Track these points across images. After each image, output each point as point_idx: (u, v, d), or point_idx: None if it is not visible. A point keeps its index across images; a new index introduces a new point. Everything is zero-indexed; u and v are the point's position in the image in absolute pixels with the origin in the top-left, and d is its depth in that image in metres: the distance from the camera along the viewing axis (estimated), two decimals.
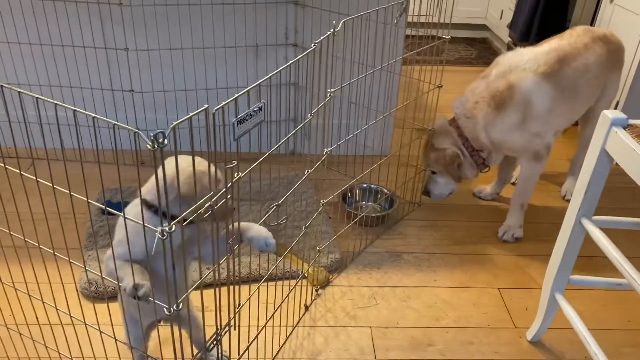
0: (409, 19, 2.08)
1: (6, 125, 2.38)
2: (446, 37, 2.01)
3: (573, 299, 1.63)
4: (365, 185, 2.32)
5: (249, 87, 1.06)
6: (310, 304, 1.78)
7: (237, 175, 1.10)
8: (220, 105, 0.95)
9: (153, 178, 1.03)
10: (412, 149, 2.43)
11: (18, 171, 1.03)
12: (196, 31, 2.33)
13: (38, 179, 1.01)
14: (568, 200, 2.38)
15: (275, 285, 1.78)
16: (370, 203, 2.31)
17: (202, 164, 1.11)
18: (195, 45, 2.35)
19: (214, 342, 1.20)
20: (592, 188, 1.34)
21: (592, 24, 2.89)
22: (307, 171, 1.52)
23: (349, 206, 2.22)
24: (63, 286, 1.23)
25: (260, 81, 1.13)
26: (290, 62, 1.28)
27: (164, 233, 0.88)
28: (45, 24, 2.27)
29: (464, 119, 2.03)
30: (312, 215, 2.06)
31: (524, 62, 1.96)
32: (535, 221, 2.24)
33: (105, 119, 0.84)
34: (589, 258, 1.99)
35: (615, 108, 2.54)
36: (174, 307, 0.96)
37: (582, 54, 2.01)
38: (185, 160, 1.05)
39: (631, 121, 1.25)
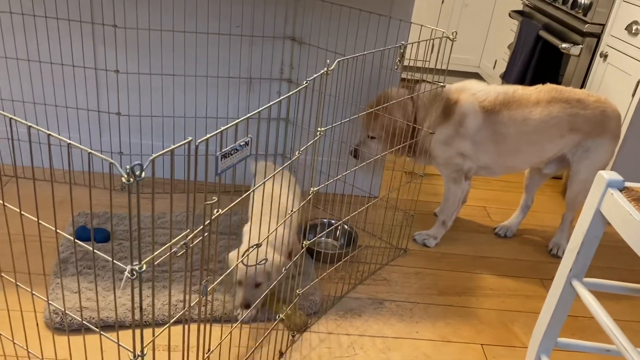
0: (405, 62, 2.07)
1: None
2: (442, 83, 1.99)
3: None
4: (325, 220, 2.26)
5: (237, 121, 1.01)
6: (286, 351, 1.70)
7: (217, 212, 1.04)
8: (204, 138, 0.90)
9: None
10: (402, 193, 2.38)
11: None
12: (189, 59, 2.29)
13: (5, 202, 0.94)
14: (554, 255, 2.34)
15: (250, 328, 1.69)
16: (329, 240, 2.26)
17: None
18: (188, 72, 2.32)
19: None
20: (585, 249, 1.29)
21: (584, 81, 2.91)
22: (291, 211, 1.46)
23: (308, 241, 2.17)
24: (22, 316, 1.15)
25: (249, 115, 1.08)
26: (282, 97, 1.24)
27: (134, 272, 0.81)
28: (34, 40, 2.22)
29: (422, 105, 2.10)
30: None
31: (478, 90, 2.11)
32: (521, 275, 2.19)
33: (80, 146, 0.79)
34: (574, 318, 1.93)
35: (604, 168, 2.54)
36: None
37: (527, 107, 2.06)
38: None
39: (627, 184, 1.22)
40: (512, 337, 1.86)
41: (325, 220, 2.27)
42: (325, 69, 1.34)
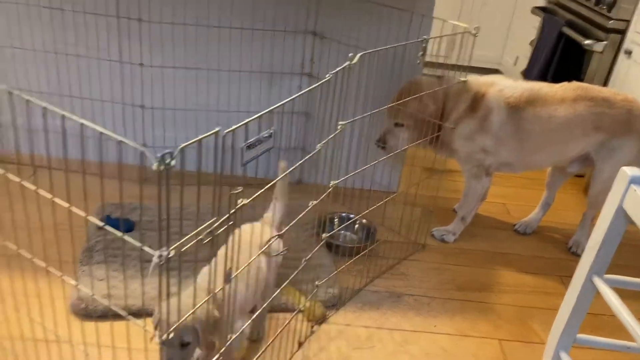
0: (427, 59, 2.08)
1: (12, 131, 2.36)
2: (463, 79, 1.99)
3: (580, 358, 1.57)
4: (344, 214, 2.27)
5: (262, 113, 1.03)
6: (304, 341, 1.72)
7: (241, 201, 1.06)
8: (231, 129, 0.92)
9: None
10: (421, 189, 2.38)
11: (18, 179, 0.99)
12: (212, 52, 2.32)
13: (38, 189, 0.97)
14: (574, 253, 2.32)
15: (271, 318, 1.72)
16: (348, 233, 2.27)
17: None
18: (211, 66, 2.35)
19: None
20: (606, 246, 1.29)
21: (607, 78, 2.88)
22: (312, 203, 1.48)
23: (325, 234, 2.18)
24: (52, 301, 1.18)
25: (272, 107, 1.10)
26: (303, 91, 1.25)
27: (162, 258, 0.84)
28: (62, 33, 2.26)
29: (452, 94, 2.09)
30: (312, 247, 2.01)
31: (505, 86, 2.10)
32: (541, 272, 2.19)
33: (113, 134, 0.81)
34: (593, 315, 1.93)
35: None
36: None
37: (552, 105, 2.05)
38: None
39: None
40: (530, 333, 1.86)
41: (343, 214, 2.29)
42: (349, 62, 1.36)
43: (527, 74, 3.55)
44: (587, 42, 2.85)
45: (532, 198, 2.73)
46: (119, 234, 0.93)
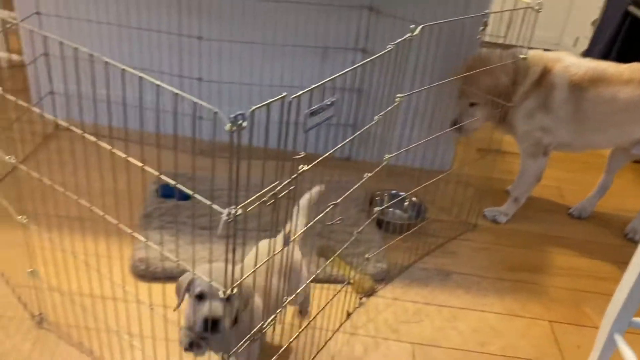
0: (485, 39, 2.04)
1: (78, 102, 2.46)
2: (524, 55, 1.95)
3: (634, 343, 1.53)
4: (394, 191, 2.27)
5: (325, 80, 1.04)
6: (353, 312, 1.75)
7: (302, 168, 1.08)
8: (297, 94, 0.94)
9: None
10: (474, 169, 2.36)
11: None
12: (268, 27, 2.35)
13: (114, 149, 1.02)
14: (630, 239, 2.26)
15: (322, 288, 1.75)
16: (397, 210, 2.27)
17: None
18: (266, 40, 2.37)
19: (258, 336, 1.19)
20: None
21: None
22: (366, 175, 1.49)
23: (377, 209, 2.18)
24: (113, 262, 1.25)
25: (333, 77, 1.12)
26: (364, 61, 1.26)
27: (231, 215, 0.87)
28: (125, 7, 2.33)
29: (522, 68, 2.06)
30: (361, 223, 2.03)
31: (571, 63, 2.06)
32: (595, 257, 2.14)
33: (187, 95, 0.85)
34: None
35: None
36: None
37: (616, 86, 1.98)
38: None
39: None
40: (582, 316, 1.83)
41: (393, 191, 2.29)
42: (410, 34, 1.35)
43: (588, 56, 3.43)
44: None
45: (588, 182, 2.65)
46: (189, 192, 0.97)
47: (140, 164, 0.99)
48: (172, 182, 0.97)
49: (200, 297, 1.11)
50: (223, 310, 1.08)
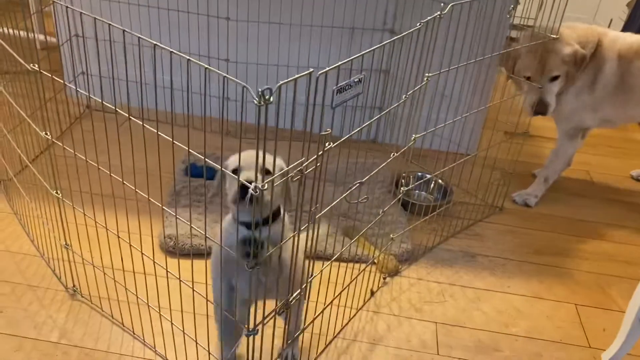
0: (514, 21, 2.00)
1: (108, 82, 2.50)
2: (554, 35, 1.91)
3: None
4: (420, 173, 2.27)
5: (352, 57, 1.05)
6: (377, 291, 1.77)
7: (329, 145, 1.09)
8: (324, 70, 0.95)
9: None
10: (500, 152, 2.34)
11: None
12: (295, 8, 2.35)
13: (159, 133, 1.05)
14: None
15: (346, 267, 1.77)
16: (423, 193, 2.28)
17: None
18: (294, 21, 2.37)
19: (284, 308, 1.21)
20: None
21: None
22: (393, 154, 1.50)
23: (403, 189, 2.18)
24: (151, 237, 1.28)
25: (361, 54, 1.12)
26: (393, 38, 1.26)
27: (257, 189, 0.89)
28: None
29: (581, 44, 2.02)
30: (386, 204, 2.03)
31: (617, 35, 2.05)
32: (623, 242, 2.11)
33: (217, 70, 0.86)
34: None
35: None
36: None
37: None
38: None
39: None
40: (608, 300, 1.82)
41: (419, 173, 2.29)
42: (439, 12, 1.34)
43: None
44: None
45: (616, 167, 2.61)
46: (218, 167, 0.99)
47: (170, 139, 1.02)
48: (201, 157, 0.99)
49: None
50: (260, 179, 1.01)
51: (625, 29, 3.31)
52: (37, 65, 1.32)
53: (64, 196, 1.46)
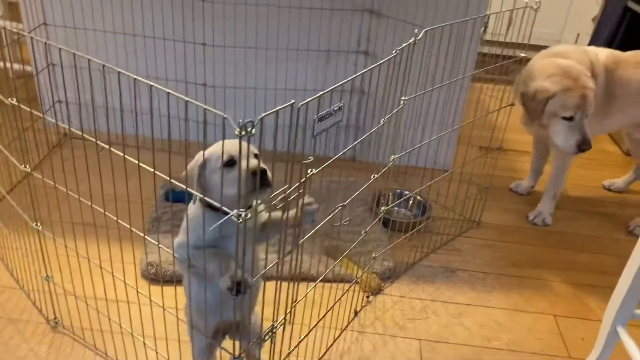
0: (486, 37, 2.07)
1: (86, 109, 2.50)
2: (523, 55, 1.98)
3: (636, 334, 1.56)
4: (399, 191, 2.31)
5: (334, 87, 1.08)
6: (360, 310, 1.79)
7: (311, 171, 1.11)
8: (305, 101, 0.97)
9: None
10: (475, 167, 2.39)
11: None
12: (271, 32, 2.38)
13: (126, 157, 1.06)
14: (636, 235, 2.28)
15: (330, 288, 1.78)
16: (402, 210, 2.31)
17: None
18: (269, 45, 2.41)
19: (269, 334, 1.22)
20: None
21: None
22: (374, 176, 1.53)
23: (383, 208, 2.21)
24: (134, 265, 1.28)
25: (343, 82, 1.15)
26: (372, 66, 1.29)
27: (240, 218, 0.90)
28: (129, 14, 2.37)
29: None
30: (366, 222, 2.06)
31: (594, 50, 2.14)
32: (599, 252, 2.17)
33: (196, 102, 0.88)
34: None
35: None
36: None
37: (628, 69, 2.08)
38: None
39: None
40: (586, 310, 1.86)
41: (398, 190, 2.32)
42: (414, 38, 1.38)
43: None
44: None
45: (589, 178, 2.68)
46: (199, 195, 1.00)
47: (151, 169, 1.03)
48: (180, 184, 1.01)
49: (231, 163, 1.07)
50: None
51: (591, 43, 3.42)
52: (15, 99, 1.32)
53: (43, 226, 1.45)
